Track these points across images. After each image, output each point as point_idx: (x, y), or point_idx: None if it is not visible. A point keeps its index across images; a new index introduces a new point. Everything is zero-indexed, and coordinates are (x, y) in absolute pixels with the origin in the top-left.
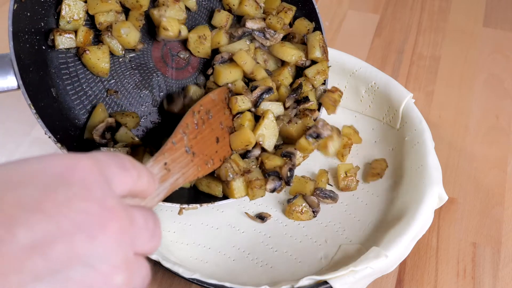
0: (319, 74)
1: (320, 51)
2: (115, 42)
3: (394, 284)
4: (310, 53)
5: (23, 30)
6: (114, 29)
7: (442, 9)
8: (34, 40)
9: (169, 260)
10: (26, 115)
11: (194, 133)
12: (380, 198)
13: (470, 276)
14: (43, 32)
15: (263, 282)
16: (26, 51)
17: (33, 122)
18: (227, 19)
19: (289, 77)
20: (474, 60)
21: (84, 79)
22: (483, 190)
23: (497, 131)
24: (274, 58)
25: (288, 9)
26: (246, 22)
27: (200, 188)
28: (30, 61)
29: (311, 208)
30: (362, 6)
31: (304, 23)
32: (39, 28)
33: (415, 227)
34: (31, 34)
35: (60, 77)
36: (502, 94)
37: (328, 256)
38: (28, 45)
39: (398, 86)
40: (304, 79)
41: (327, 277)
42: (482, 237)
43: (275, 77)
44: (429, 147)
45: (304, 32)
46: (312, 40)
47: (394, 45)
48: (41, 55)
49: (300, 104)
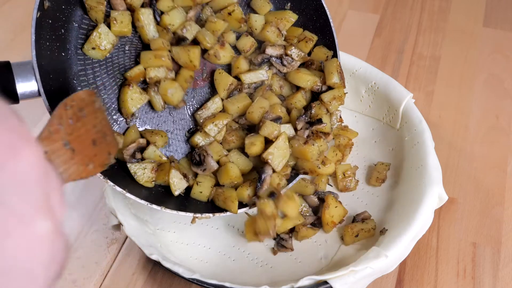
0: (335, 99)
1: (337, 77)
2: (158, 98)
3: (394, 284)
4: (327, 79)
5: (44, 37)
6: (162, 87)
7: (442, 9)
8: (55, 47)
9: (169, 260)
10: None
11: (70, 128)
12: (380, 198)
13: (470, 276)
14: (63, 39)
15: (263, 282)
16: (46, 58)
17: (33, 122)
18: (251, 45)
19: (303, 100)
20: (474, 60)
21: (102, 87)
22: (483, 190)
23: (497, 131)
24: (289, 84)
25: (309, 39)
26: (266, 49)
27: (217, 204)
28: (50, 68)
29: (310, 208)
30: (362, 6)
31: (323, 51)
32: (60, 35)
33: (415, 227)
34: (52, 41)
35: (78, 83)
36: (502, 94)
37: (328, 256)
38: (49, 52)
39: (398, 86)
40: (319, 103)
41: (327, 277)
42: (482, 237)
43: (289, 101)
44: (429, 147)
45: (323, 59)
46: (329, 67)
47: (394, 45)
48: (60, 62)
49: (312, 126)
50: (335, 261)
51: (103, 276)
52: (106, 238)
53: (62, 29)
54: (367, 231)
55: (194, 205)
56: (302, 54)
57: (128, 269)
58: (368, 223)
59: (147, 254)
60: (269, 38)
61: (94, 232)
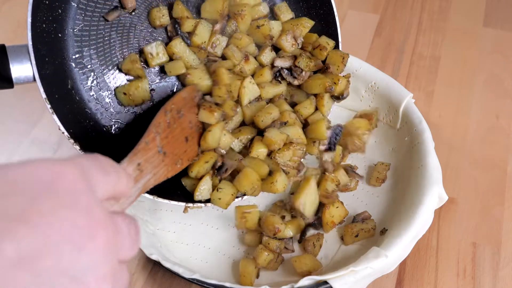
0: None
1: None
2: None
3: (394, 284)
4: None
5: (41, 19)
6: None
7: (442, 9)
8: (51, 28)
9: (169, 260)
10: (26, 115)
11: (166, 133)
12: (380, 198)
13: (470, 276)
14: (60, 20)
15: (263, 282)
16: (42, 41)
17: (33, 122)
18: (272, 60)
19: (310, 107)
20: (474, 60)
21: (100, 73)
22: (483, 190)
23: (497, 131)
24: (303, 92)
25: (323, 47)
26: (275, 61)
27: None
28: (46, 51)
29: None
30: (362, 6)
31: (338, 53)
32: (57, 16)
33: (415, 227)
34: (49, 23)
35: (76, 65)
36: (502, 94)
37: (328, 256)
38: (45, 34)
39: (398, 86)
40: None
41: (327, 277)
42: (482, 237)
43: (296, 107)
44: (429, 147)
45: (339, 62)
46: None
47: (394, 45)
48: (57, 43)
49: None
50: (335, 261)
51: None
52: None
53: (60, 9)
54: (367, 231)
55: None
56: (312, 64)
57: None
58: (368, 223)
59: (147, 254)
60: (283, 46)
61: None
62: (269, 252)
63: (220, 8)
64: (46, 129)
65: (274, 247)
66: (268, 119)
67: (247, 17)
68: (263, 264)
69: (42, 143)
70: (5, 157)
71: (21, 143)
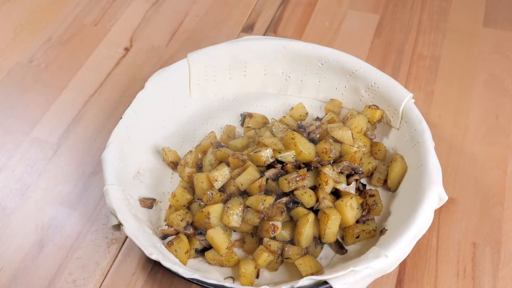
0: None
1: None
2: None
3: (394, 284)
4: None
5: None
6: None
7: (442, 9)
8: None
9: (169, 260)
10: (26, 115)
11: None
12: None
13: (470, 276)
14: None
15: (263, 282)
16: None
17: (33, 122)
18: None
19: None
20: (474, 60)
21: None
22: (483, 190)
23: (497, 131)
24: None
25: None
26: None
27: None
28: None
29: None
30: (362, 6)
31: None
32: None
33: (415, 227)
34: None
35: None
36: (502, 94)
37: (328, 256)
38: None
39: (398, 86)
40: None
41: (327, 277)
42: (482, 237)
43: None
44: (429, 147)
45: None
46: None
47: (394, 45)
48: None
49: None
50: (335, 261)
51: (103, 276)
52: (106, 238)
53: None
54: (368, 232)
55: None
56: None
57: (128, 269)
58: (369, 224)
59: (147, 254)
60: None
61: (94, 232)
62: (269, 253)
63: None
64: (46, 129)
65: (275, 248)
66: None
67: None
68: (263, 265)
69: (42, 143)
70: (5, 157)
71: (21, 143)
